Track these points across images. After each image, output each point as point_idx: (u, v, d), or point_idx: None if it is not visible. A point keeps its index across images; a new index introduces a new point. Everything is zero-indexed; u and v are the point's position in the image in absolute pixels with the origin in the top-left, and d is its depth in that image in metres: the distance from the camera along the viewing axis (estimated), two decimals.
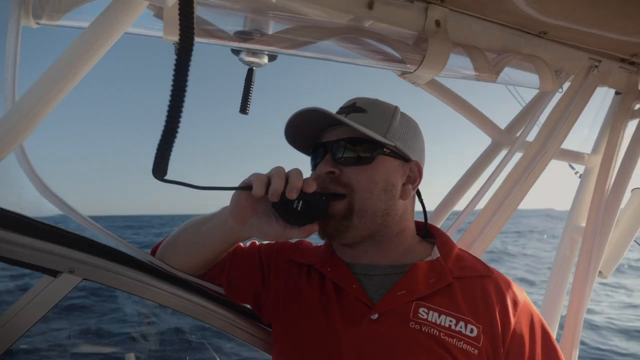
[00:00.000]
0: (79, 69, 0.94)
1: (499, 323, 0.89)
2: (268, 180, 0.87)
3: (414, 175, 1.03)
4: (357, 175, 0.96)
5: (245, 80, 1.33)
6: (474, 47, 1.37)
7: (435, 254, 1.03)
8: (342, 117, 0.96)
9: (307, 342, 0.97)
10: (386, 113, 1.01)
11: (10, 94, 0.96)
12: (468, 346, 0.87)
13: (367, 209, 0.96)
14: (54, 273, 1.10)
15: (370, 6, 1.21)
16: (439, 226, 1.54)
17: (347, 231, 0.96)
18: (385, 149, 0.97)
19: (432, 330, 0.88)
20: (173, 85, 0.59)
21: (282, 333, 1.06)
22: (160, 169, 0.69)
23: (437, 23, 1.29)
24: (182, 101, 0.60)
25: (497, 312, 0.91)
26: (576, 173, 1.95)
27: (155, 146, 0.65)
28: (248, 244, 1.20)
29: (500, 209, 1.51)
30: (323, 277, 1.04)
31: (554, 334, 1.75)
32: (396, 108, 1.03)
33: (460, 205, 1.58)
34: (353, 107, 1.01)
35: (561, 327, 1.72)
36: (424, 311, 0.91)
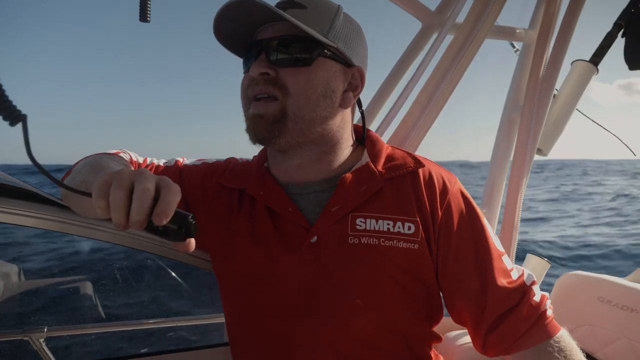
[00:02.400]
0: None
1: (428, 214, 0.90)
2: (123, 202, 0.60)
3: (356, 82, 0.95)
4: (293, 77, 0.86)
5: None
6: None
7: (365, 158, 0.98)
8: (278, 10, 0.83)
9: (249, 278, 0.94)
10: (328, 11, 0.91)
11: None
12: (408, 244, 0.88)
13: (304, 115, 0.88)
14: None
15: None
16: (372, 121, 1.48)
17: (281, 136, 0.88)
18: (326, 51, 0.88)
19: (371, 239, 0.88)
20: None
21: (222, 270, 1.02)
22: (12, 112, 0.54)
23: None
24: None
25: (427, 204, 0.91)
26: (516, 51, 1.89)
27: None
28: (169, 163, 1.09)
29: (434, 98, 1.45)
30: (256, 201, 0.98)
31: (495, 216, 1.80)
32: (339, 7, 0.93)
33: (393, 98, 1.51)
34: (291, 2, 0.89)
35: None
36: (360, 221, 0.90)
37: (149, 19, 1.30)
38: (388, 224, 0.89)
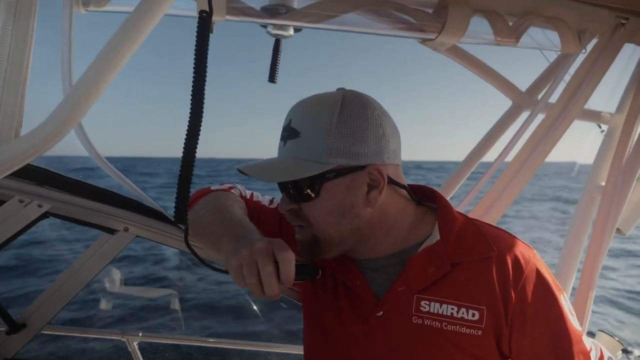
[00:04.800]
0: (127, 50, 1.04)
1: (500, 300, 0.91)
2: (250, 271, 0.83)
3: (375, 178, 0.93)
4: (310, 211, 0.94)
5: (273, 50, 1.42)
6: (494, 12, 1.40)
7: (435, 235, 0.99)
8: (269, 174, 0.94)
9: (323, 335, 1.07)
10: (321, 128, 0.90)
11: (67, 76, 1.08)
12: (471, 330, 0.90)
13: (332, 236, 0.95)
14: (111, 231, 1.26)
15: None
16: (455, 189, 1.62)
17: (323, 254, 0.98)
18: (328, 175, 0.90)
19: (434, 322, 0.92)
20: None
21: (305, 315, 1.16)
22: (182, 215, 0.78)
23: None
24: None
25: (497, 290, 0.91)
26: (602, 131, 1.96)
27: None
28: (272, 204, 1.22)
29: (520, 173, 1.57)
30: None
31: (568, 291, 1.84)
32: (332, 112, 0.90)
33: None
34: (289, 130, 0.94)
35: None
36: (425, 304, 0.94)
37: (276, 80, 1.55)
38: (452, 309, 0.92)
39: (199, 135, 0.74)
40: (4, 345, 1.21)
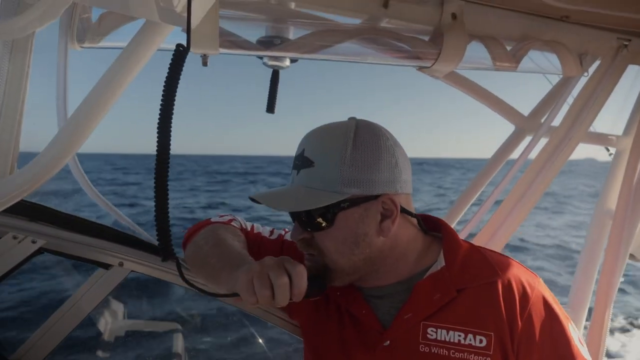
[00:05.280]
0: (121, 84, 1.05)
1: (506, 326, 0.90)
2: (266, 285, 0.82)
3: (389, 208, 0.93)
4: (323, 240, 0.94)
5: (271, 81, 1.42)
6: (491, 37, 1.39)
7: (440, 262, 0.99)
8: (283, 203, 0.95)
9: None
10: (335, 157, 0.90)
11: (62, 110, 1.09)
12: (479, 357, 0.88)
13: (344, 266, 0.95)
14: (106, 266, 1.24)
15: (385, 5, 1.25)
16: (459, 217, 1.58)
17: (334, 281, 0.97)
18: (342, 204, 0.90)
19: (441, 350, 0.91)
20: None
21: (308, 344, 1.14)
22: (167, 252, 0.77)
23: (454, 16, 1.31)
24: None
25: (504, 315, 0.90)
26: (610, 154, 1.92)
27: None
28: (273, 235, 1.21)
29: (525, 197, 1.53)
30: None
31: (582, 319, 1.77)
32: (346, 142, 0.91)
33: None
34: (302, 159, 0.95)
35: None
36: (432, 331, 0.92)
37: (274, 110, 1.54)
38: (459, 336, 0.90)
39: (168, 168, 0.72)
40: None
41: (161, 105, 0.70)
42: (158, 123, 0.70)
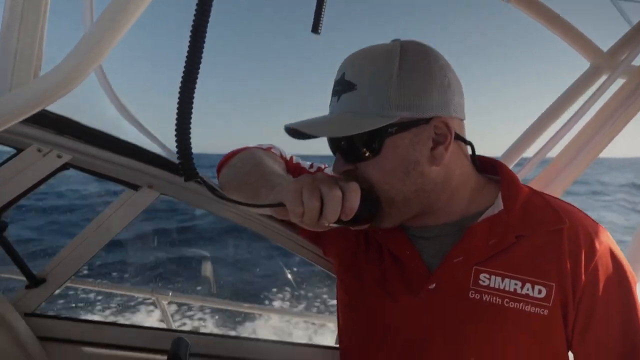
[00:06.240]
0: None
1: (569, 278, 0.80)
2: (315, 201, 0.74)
3: (442, 132, 0.83)
4: (370, 171, 0.84)
5: None
6: None
7: (498, 205, 0.89)
8: (323, 130, 0.83)
9: (365, 309, 0.96)
10: (380, 77, 0.81)
11: (88, 13, 0.98)
12: (536, 308, 0.80)
13: (394, 198, 0.84)
14: (135, 187, 1.18)
15: None
16: (517, 159, 1.44)
17: (383, 221, 0.88)
18: (390, 129, 0.80)
19: (494, 298, 0.82)
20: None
21: (343, 286, 1.05)
22: (189, 171, 0.68)
23: None
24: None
25: (567, 268, 0.81)
26: None
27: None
28: (312, 168, 1.13)
29: (592, 141, 1.37)
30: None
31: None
32: (392, 61, 0.81)
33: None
34: (343, 83, 0.84)
35: None
36: (485, 277, 0.83)
37: (319, 31, 1.39)
38: (515, 284, 0.82)
39: (195, 81, 0.60)
40: (24, 299, 1.17)
41: (196, 11, 0.58)
42: (191, 33, 0.58)
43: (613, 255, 0.84)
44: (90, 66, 0.98)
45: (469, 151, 0.92)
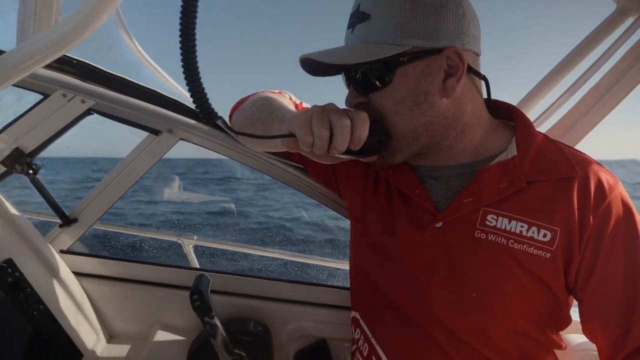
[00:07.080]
0: None
1: (576, 224, 0.81)
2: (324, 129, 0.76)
3: (454, 63, 0.82)
4: (381, 101, 0.84)
5: None
6: None
7: (512, 150, 0.89)
8: (337, 57, 0.83)
9: (373, 247, 0.99)
10: (393, 6, 0.80)
11: None
12: (539, 251, 0.82)
13: (404, 131, 0.85)
14: (156, 132, 1.22)
15: None
16: (535, 106, 1.41)
17: (392, 156, 0.89)
18: (402, 58, 0.80)
19: (499, 238, 0.84)
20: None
21: (354, 227, 1.09)
22: (208, 114, 0.70)
23: None
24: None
25: (575, 213, 0.81)
26: None
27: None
28: None
29: (614, 89, 1.33)
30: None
31: None
32: None
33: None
34: (358, 15, 0.84)
35: None
36: (492, 218, 0.85)
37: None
38: (521, 227, 0.83)
39: (195, 16, 0.59)
40: (59, 238, 1.26)
41: None
42: None
43: (624, 204, 0.83)
44: (110, 6, 1.00)
45: (484, 89, 0.92)
